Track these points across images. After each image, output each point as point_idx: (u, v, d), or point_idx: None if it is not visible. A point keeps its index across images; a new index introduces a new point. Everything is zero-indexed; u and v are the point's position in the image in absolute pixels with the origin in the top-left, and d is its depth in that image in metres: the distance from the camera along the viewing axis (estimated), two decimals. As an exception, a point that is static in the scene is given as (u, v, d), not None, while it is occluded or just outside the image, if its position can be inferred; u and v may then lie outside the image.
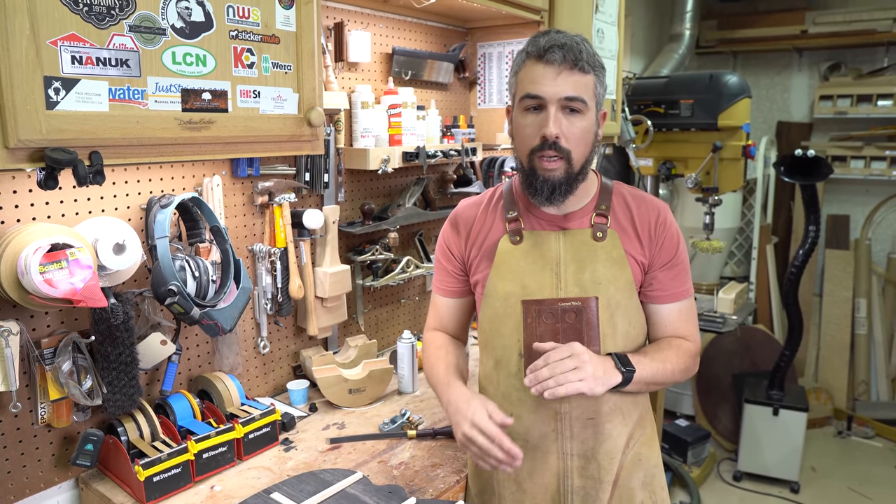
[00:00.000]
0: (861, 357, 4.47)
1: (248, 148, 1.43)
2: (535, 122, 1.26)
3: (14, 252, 1.23)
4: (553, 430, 1.34)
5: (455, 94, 2.54)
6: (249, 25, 1.36)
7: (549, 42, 1.24)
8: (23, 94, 1.04)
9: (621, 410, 1.35)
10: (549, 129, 1.23)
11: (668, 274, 1.35)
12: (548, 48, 1.23)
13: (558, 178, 1.27)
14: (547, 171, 1.27)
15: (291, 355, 2.04)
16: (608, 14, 2.79)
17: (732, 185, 3.23)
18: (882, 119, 4.35)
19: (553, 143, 1.24)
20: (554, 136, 1.24)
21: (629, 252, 1.33)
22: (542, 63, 1.24)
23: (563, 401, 1.32)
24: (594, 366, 1.19)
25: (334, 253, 2.02)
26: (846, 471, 3.83)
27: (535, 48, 1.26)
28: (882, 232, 4.63)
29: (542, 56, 1.24)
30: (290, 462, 1.58)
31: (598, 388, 1.19)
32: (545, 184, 1.28)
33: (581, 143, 1.27)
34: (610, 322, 1.31)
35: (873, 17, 4.25)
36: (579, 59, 1.23)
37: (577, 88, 1.24)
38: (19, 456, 1.44)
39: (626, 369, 1.24)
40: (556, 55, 1.22)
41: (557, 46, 1.23)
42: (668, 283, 1.35)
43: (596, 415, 1.33)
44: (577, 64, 1.23)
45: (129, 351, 1.48)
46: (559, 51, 1.22)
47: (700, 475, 3.63)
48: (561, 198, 1.30)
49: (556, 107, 1.24)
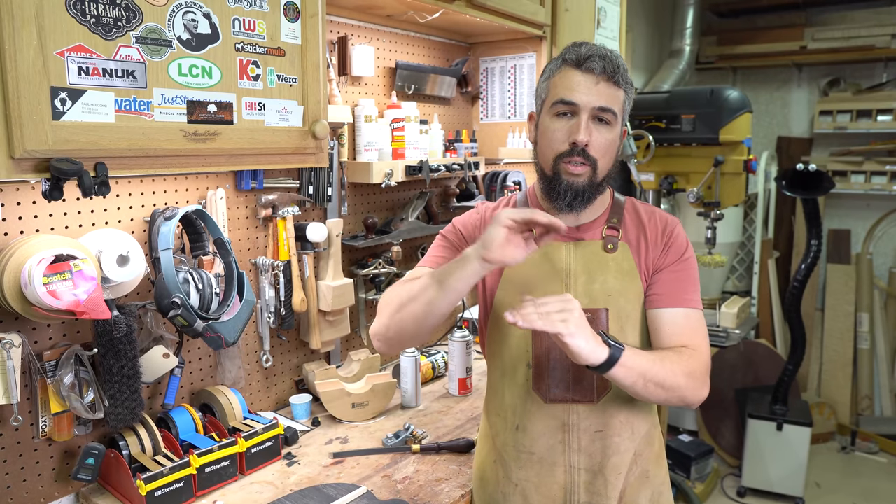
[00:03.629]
0: (864, 372, 4.45)
1: (252, 160, 1.43)
2: (565, 128, 1.26)
3: (18, 263, 1.22)
4: (560, 441, 1.32)
5: (458, 109, 2.55)
6: (255, 38, 1.36)
7: (589, 51, 1.25)
8: (29, 104, 1.04)
9: (630, 424, 1.33)
10: (580, 136, 1.24)
11: (671, 276, 1.32)
12: (588, 56, 1.24)
13: (582, 184, 1.27)
14: (572, 175, 1.26)
15: (294, 369, 2.02)
16: (609, 29, 2.81)
17: (734, 200, 3.24)
18: (882, 134, 4.36)
19: (582, 150, 1.25)
20: (584, 143, 1.24)
21: (639, 265, 1.32)
22: (581, 71, 1.25)
23: (570, 412, 1.30)
24: (582, 323, 1.11)
25: (337, 266, 2.01)
26: (851, 486, 3.80)
27: (574, 56, 1.26)
28: (883, 246, 4.63)
29: (582, 64, 1.25)
30: (293, 476, 1.57)
31: (579, 340, 1.09)
32: (569, 189, 1.27)
33: (607, 153, 1.28)
34: (620, 334, 1.29)
35: (872, 33, 4.28)
36: (616, 73, 1.24)
37: (611, 100, 1.25)
38: (19, 470, 1.42)
39: (614, 345, 1.14)
40: (597, 65, 1.23)
41: (598, 57, 1.24)
42: (670, 286, 1.31)
43: (604, 427, 1.31)
44: (613, 76, 1.24)
45: (132, 364, 1.47)
46: (600, 61, 1.23)
47: (704, 491, 3.60)
48: (582, 205, 1.29)
49: (588, 115, 1.24)
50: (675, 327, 1.29)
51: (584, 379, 1.29)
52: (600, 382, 1.29)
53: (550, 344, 1.28)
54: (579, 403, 1.30)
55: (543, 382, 1.31)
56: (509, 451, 1.36)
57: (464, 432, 1.80)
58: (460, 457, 1.66)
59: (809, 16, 4.62)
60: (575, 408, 1.30)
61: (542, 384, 1.31)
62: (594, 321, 1.26)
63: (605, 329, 1.27)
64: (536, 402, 1.32)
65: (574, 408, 1.30)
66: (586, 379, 1.29)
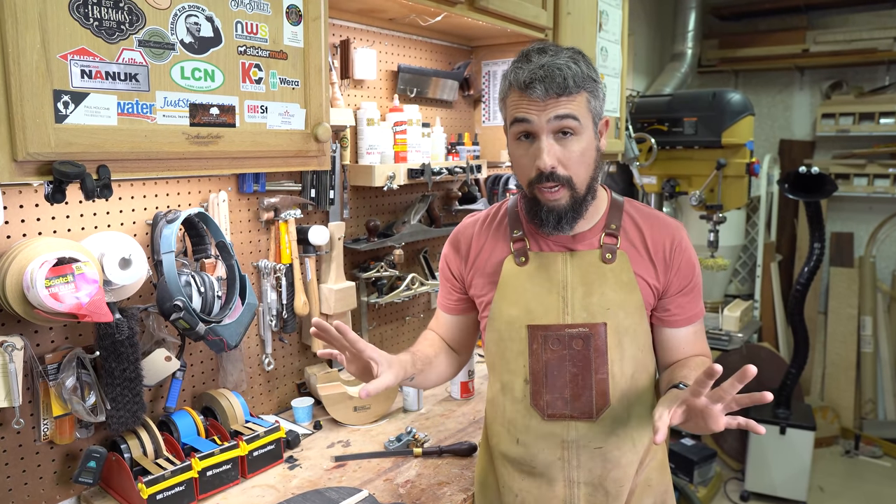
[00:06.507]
0: (867, 375, 4.44)
1: (254, 163, 1.43)
2: (528, 154, 1.20)
3: (20, 266, 1.22)
4: (559, 458, 1.29)
5: (460, 112, 2.55)
6: (257, 41, 1.36)
7: (529, 76, 1.16)
8: (32, 107, 1.04)
9: (631, 438, 1.30)
10: (542, 161, 1.17)
11: (685, 298, 1.30)
12: (528, 83, 1.16)
13: (563, 206, 1.21)
14: (550, 201, 1.21)
15: (296, 372, 2.02)
16: (612, 33, 2.81)
17: (736, 203, 3.24)
18: (884, 137, 4.36)
19: (550, 175, 1.18)
20: (550, 168, 1.17)
21: (640, 274, 1.27)
22: (526, 95, 1.17)
23: (569, 429, 1.28)
24: None
25: (339, 269, 2.01)
26: (855, 491, 3.79)
27: (515, 80, 1.18)
28: (886, 249, 4.62)
29: (525, 90, 1.17)
30: (295, 480, 1.56)
31: None
32: (550, 214, 1.22)
33: (581, 165, 1.21)
34: (618, 347, 1.26)
35: (874, 35, 4.28)
36: (565, 88, 1.15)
37: (568, 107, 1.17)
38: (20, 473, 1.42)
39: None
40: (538, 90, 1.15)
41: (538, 81, 1.15)
42: (684, 307, 1.30)
43: (604, 443, 1.28)
44: (563, 92, 1.15)
45: (134, 367, 1.47)
46: (540, 85, 1.15)
47: (707, 495, 3.59)
48: (569, 225, 1.24)
49: (548, 134, 1.17)
50: (688, 345, 1.32)
51: (582, 396, 1.26)
52: (599, 400, 1.26)
53: (547, 359, 1.26)
54: (578, 420, 1.27)
55: (542, 398, 1.28)
56: (510, 462, 1.35)
57: (466, 436, 1.79)
58: (462, 460, 1.66)
59: (811, 19, 4.63)
60: (574, 424, 1.27)
61: (540, 400, 1.28)
62: (592, 336, 1.24)
63: (603, 343, 1.25)
64: (535, 418, 1.29)
65: (573, 424, 1.27)
66: (585, 396, 1.26)
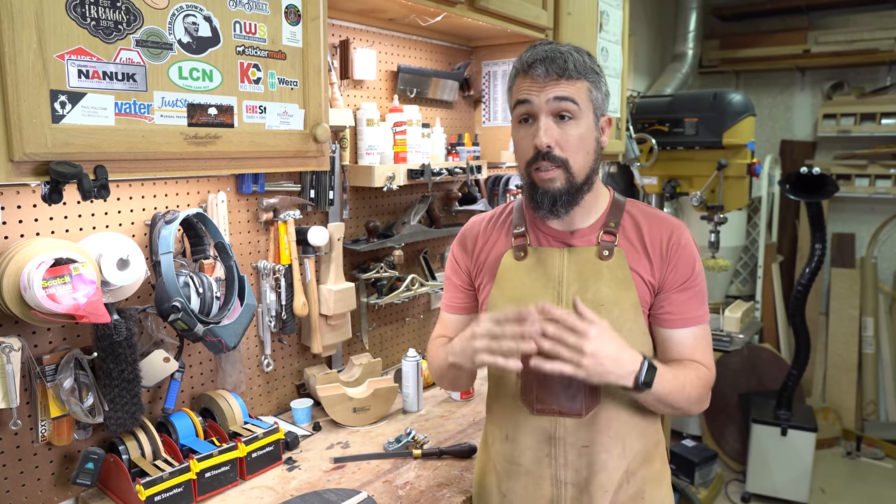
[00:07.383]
0: (869, 376, 4.43)
1: (253, 163, 1.43)
2: (528, 135, 1.23)
3: (17, 267, 1.22)
4: (547, 455, 1.28)
5: (460, 112, 2.55)
6: (256, 41, 1.36)
7: (532, 57, 1.21)
8: (29, 107, 1.03)
9: (622, 441, 1.27)
10: (538, 140, 1.20)
11: (681, 296, 1.27)
12: (531, 63, 1.21)
13: (558, 188, 1.22)
14: (545, 181, 1.22)
15: (295, 373, 2.02)
16: (612, 33, 2.80)
17: (738, 203, 3.23)
18: (886, 137, 4.35)
19: (546, 154, 1.21)
20: (546, 146, 1.20)
21: (636, 271, 1.26)
22: (529, 76, 1.22)
23: (557, 425, 1.27)
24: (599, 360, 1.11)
25: (339, 270, 2.01)
26: (856, 492, 3.78)
27: (520, 63, 1.24)
28: (888, 250, 4.61)
29: (528, 70, 1.22)
30: (294, 482, 1.56)
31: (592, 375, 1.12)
32: (545, 195, 1.23)
33: (579, 150, 1.22)
34: None
35: (875, 36, 4.27)
36: (565, 70, 1.19)
37: (567, 91, 1.20)
38: (18, 474, 1.41)
39: (647, 376, 1.14)
40: (539, 70, 1.20)
41: (539, 61, 1.20)
42: (681, 307, 1.27)
43: (591, 443, 1.26)
44: (563, 74, 1.20)
45: (132, 368, 1.46)
46: (541, 65, 1.20)
47: (708, 496, 3.58)
48: (563, 209, 1.24)
49: (547, 115, 1.20)
50: (686, 348, 1.28)
51: (572, 392, 1.25)
52: (590, 397, 1.25)
53: None
54: (566, 417, 1.26)
55: (531, 393, 1.28)
56: (500, 460, 1.34)
57: (466, 437, 1.79)
58: (462, 462, 1.65)
59: (812, 19, 4.62)
60: (562, 421, 1.26)
61: (529, 395, 1.28)
62: None
63: None
64: (524, 413, 1.29)
65: (561, 421, 1.26)
66: (575, 392, 1.25)
